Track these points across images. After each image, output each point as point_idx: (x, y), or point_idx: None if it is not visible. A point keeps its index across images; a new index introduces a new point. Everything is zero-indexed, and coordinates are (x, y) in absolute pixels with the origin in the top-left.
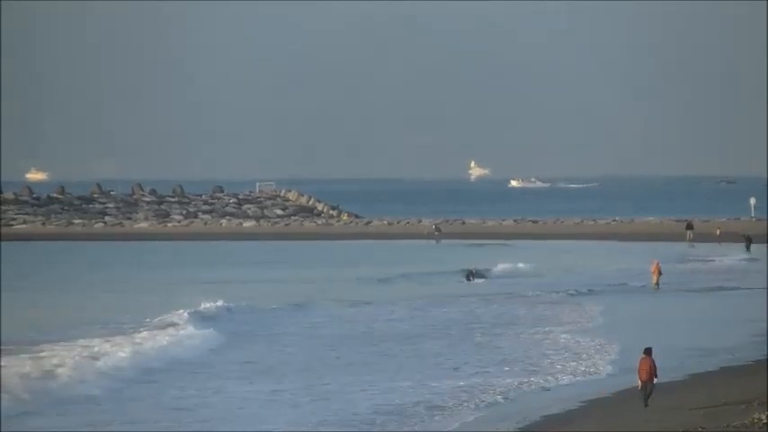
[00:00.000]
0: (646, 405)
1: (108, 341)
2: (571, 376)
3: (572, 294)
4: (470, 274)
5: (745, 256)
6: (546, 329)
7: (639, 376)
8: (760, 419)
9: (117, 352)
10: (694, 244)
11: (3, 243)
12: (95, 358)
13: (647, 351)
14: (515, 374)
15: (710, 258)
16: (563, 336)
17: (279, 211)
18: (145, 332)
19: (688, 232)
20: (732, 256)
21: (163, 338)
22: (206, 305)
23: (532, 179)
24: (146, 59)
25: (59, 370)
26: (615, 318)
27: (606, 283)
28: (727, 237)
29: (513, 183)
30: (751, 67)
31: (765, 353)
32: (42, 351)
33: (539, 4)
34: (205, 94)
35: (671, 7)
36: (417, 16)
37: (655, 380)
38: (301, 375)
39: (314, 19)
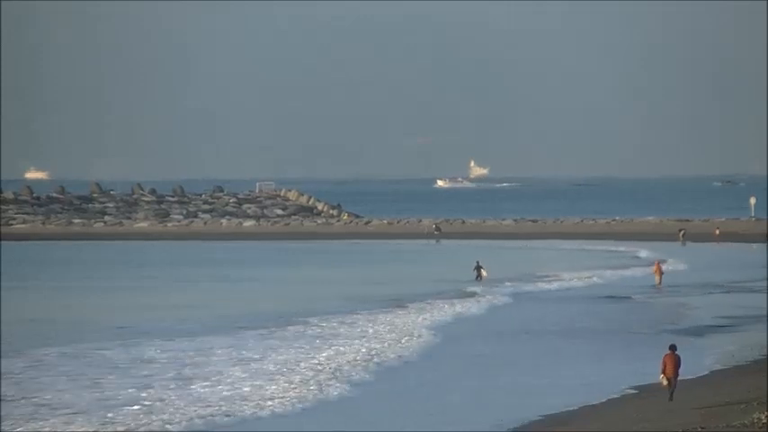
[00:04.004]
0: (670, 399)
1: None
2: None
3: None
4: (478, 268)
5: None
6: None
7: (664, 372)
8: (759, 419)
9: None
10: (686, 243)
11: (2, 243)
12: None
13: (672, 347)
14: None
15: None
16: None
17: (279, 211)
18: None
19: (680, 233)
20: None
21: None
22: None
23: (459, 179)
24: (146, 59)
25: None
26: None
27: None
28: (726, 237)
29: (440, 183)
30: (751, 67)
31: (765, 353)
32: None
33: (539, 4)
34: (205, 94)
35: (671, 7)
36: (417, 16)
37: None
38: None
39: (314, 19)
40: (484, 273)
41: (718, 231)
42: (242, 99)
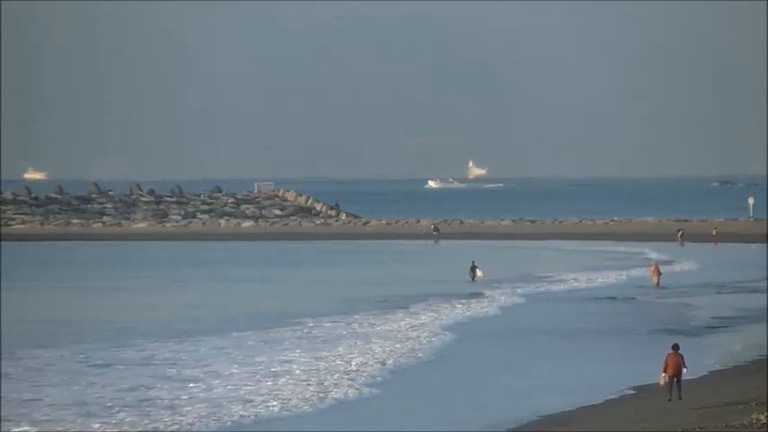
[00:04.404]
0: (680, 398)
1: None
2: None
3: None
4: (473, 268)
5: None
6: None
7: (665, 372)
8: (759, 420)
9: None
10: (684, 243)
11: (1, 243)
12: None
13: (675, 347)
14: None
15: None
16: None
17: (277, 211)
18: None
19: (678, 233)
20: None
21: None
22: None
23: (450, 179)
24: (146, 59)
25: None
26: None
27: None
28: (723, 237)
29: (431, 183)
30: (751, 67)
31: (765, 353)
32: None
33: (539, 4)
34: (205, 95)
35: (671, 7)
36: (417, 16)
37: (684, 371)
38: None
39: (314, 19)
40: (479, 273)
41: (714, 232)
42: (242, 99)
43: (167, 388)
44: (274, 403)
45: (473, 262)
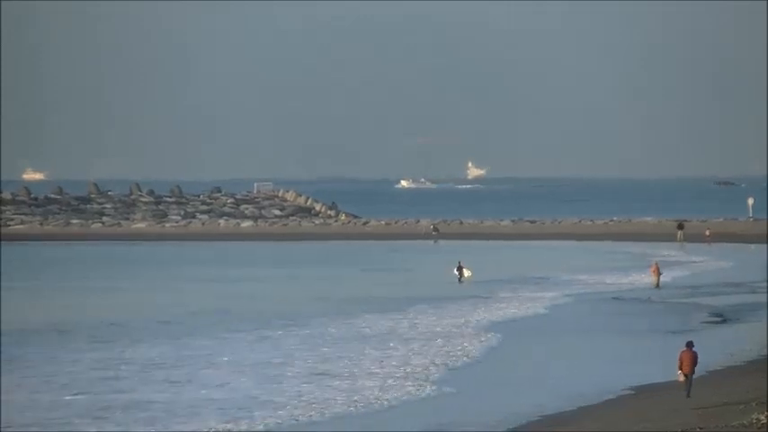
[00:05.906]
0: (688, 396)
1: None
2: None
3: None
4: (460, 269)
5: None
6: None
7: (681, 369)
8: (759, 420)
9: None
10: (685, 244)
11: (0, 244)
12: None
13: (689, 344)
14: None
15: None
16: None
17: (277, 212)
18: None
19: (679, 232)
20: None
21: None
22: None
23: (422, 179)
24: (146, 59)
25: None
26: None
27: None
28: (717, 238)
29: (403, 183)
30: (751, 67)
31: (765, 353)
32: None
33: (539, 4)
34: (204, 95)
35: (671, 7)
36: (417, 16)
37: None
38: None
39: (314, 19)
40: (466, 273)
41: (708, 232)
42: (242, 99)
43: (170, 389)
44: (283, 411)
45: (459, 262)
